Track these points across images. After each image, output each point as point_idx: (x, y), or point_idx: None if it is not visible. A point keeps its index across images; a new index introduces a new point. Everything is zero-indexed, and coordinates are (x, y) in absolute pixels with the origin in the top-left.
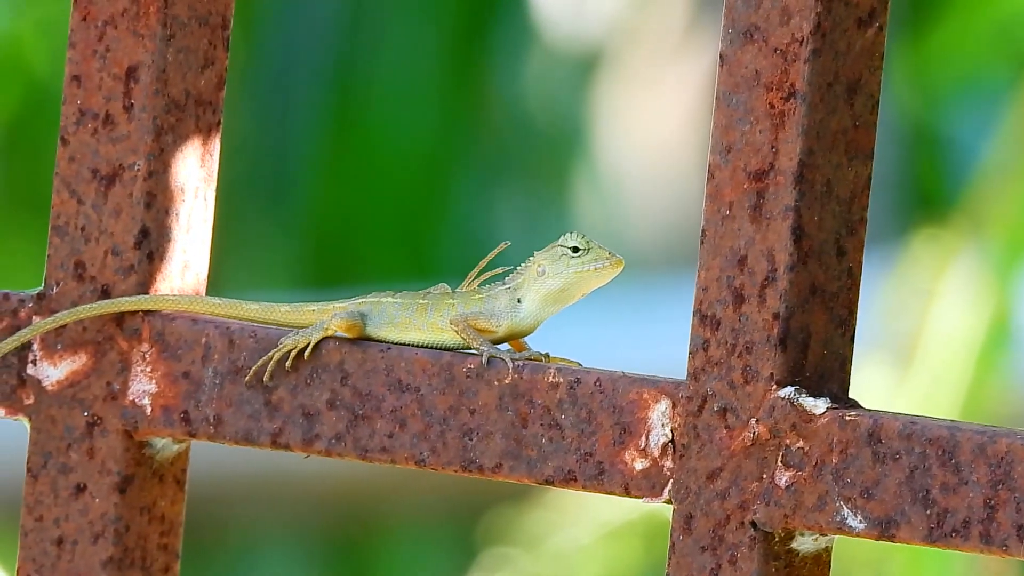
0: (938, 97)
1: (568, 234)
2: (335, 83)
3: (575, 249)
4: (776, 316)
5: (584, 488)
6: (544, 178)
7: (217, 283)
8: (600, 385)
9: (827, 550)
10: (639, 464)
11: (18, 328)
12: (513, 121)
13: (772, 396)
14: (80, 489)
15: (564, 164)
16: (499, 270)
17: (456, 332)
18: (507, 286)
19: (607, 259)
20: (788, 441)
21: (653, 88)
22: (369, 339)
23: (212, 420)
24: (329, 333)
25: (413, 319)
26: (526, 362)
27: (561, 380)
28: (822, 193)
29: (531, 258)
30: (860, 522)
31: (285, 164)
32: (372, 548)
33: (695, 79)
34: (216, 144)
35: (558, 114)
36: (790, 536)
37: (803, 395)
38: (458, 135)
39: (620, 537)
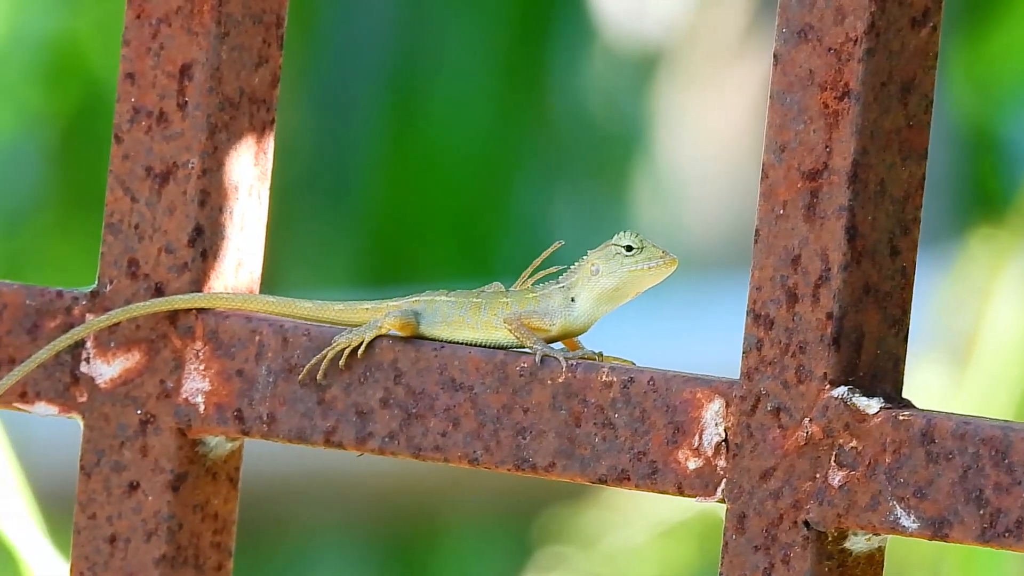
0: (996, 98)
1: (622, 233)
2: (394, 82)
3: (629, 248)
4: (830, 316)
5: (637, 487)
6: (603, 177)
7: (275, 282)
8: (653, 384)
9: (880, 550)
10: (692, 463)
11: (72, 326)
12: (572, 120)
13: (825, 396)
14: (133, 487)
15: (623, 164)
16: (553, 269)
17: (510, 331)
18: (561, 285)
19: (661, 258)
20: (841, 441)
21: (712, 88)
22: (423, 338)
23: (265, 418)
24: (383, 331)
25: (467, 318)
26: (579, 361)
27: (614, 379)
28: (876, 193)
29: (585, 257)
30: (913, 522)
31: (344, 163)
32: (427, 548)
33: (754, 79)
34: (270, 142)
35: (617, 113)
36: (843, 536)
37: (856, 395)
38: (517, 134)
39: (675, 536)
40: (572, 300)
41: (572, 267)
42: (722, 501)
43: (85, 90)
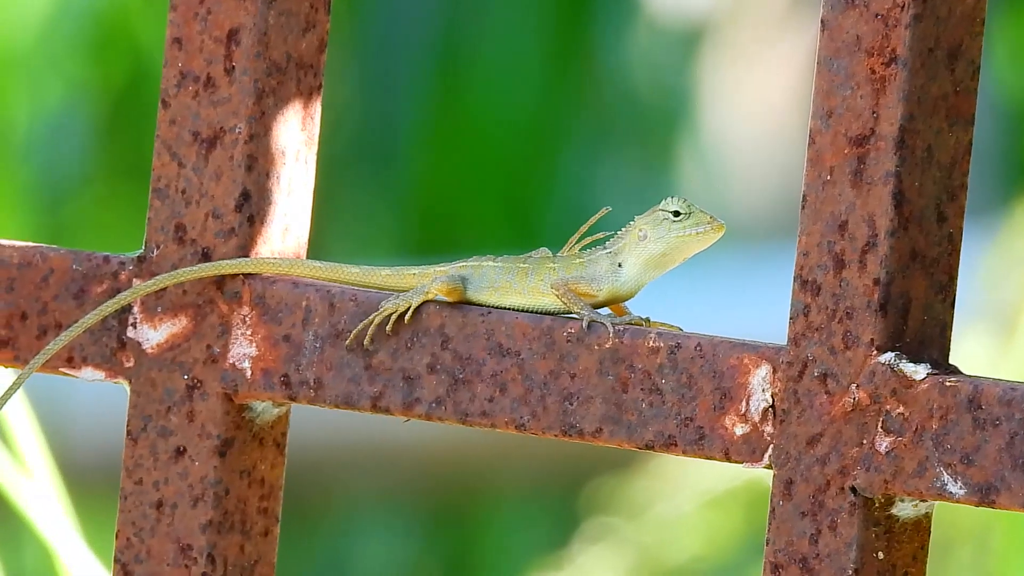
0: None
1: (669, 199)
2: (440, 52)
3: (676, 213)
4: (876, 281)
5: (684, 453)
6: (648, 147)
7: (320, 250)
8: (700, 350)
9: (927, 516)
10: (739, 429)
11: (118, 291)
12: (618, 90)
13: (872, 362)
14: (180, 452)
15: (669, 135)
16: (600, 235)
17: (557, 296)
18: (608, 250)
19: (708, 223)
20: (888, 407)
21: (758, 60)
22: (470, 303)
23: (312, 383)
24: (430, 297)
25: (514, 283)
26: (626, 327)
27: (661, 345)
28: (923, 159)
29: (632, 223)
30: (960, 488)
31: (390, 133)
32: (473, 518)
33: (801, 50)
34: (317, 108)
35: (663, 85)
36: (890, 502)
37: (903, 361)
38: (563, 105)
39: (722, 505)
40: (619, 266)
41: (619, 233)
42: (769, 467)
43: (132, 61)
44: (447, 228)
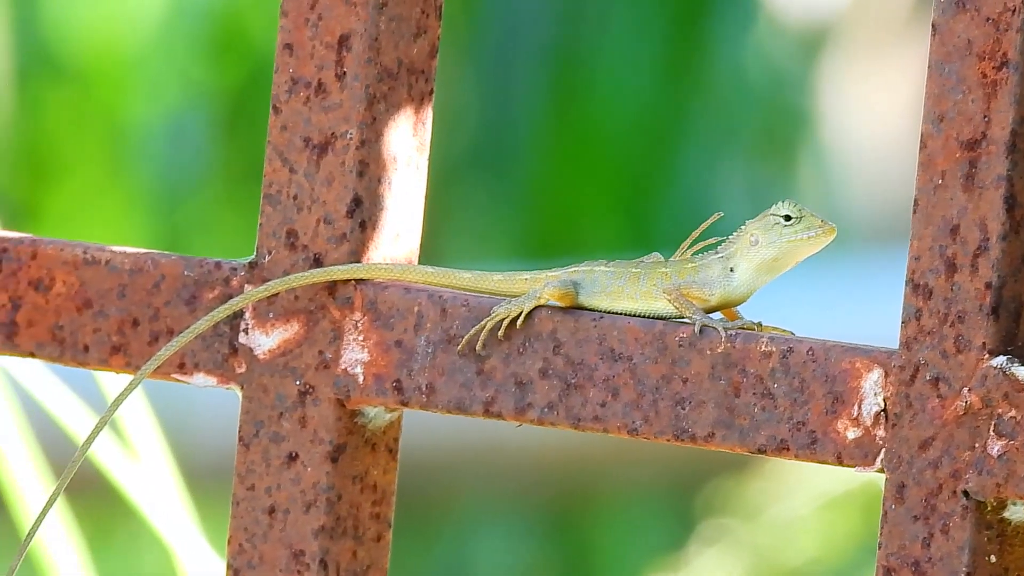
0: None
1: (780, 203)
2: (557, 55)
3: (787, 218)
4: (988, 285)
5: (796, 457)
6: (766, 150)
7: (437, 253)
8: (813, 354)
9: None
10: (851, 433)
11: (230, 297)
12: (736, 93)
13: (984, 365)
14: (292, 458)
15: (787, 136)
16: (712, 240)
17: (669, 301)
18: (720, 255)
19: (820, 227)
20: (1000, 410)
21: (880, 64)
22: (581, 308)
23: (424, 389)
24: (542, 302)
25: (626, 288)
26: (738, 331)
27: (773, 349)
28: None
29: (743, 227)
30: None
31: (507, 136)
32: (590, 520)
33: (921, 55)
34: (429, 113)
35: (782, 86)
36: (1002, 505)
37: (1015, 364)
38: (680, 106)
39: (838, 507)
40: (731, 270)
41: (731, 237)
42: (881, 471)
43: (249, 62)
44: (564, 231)
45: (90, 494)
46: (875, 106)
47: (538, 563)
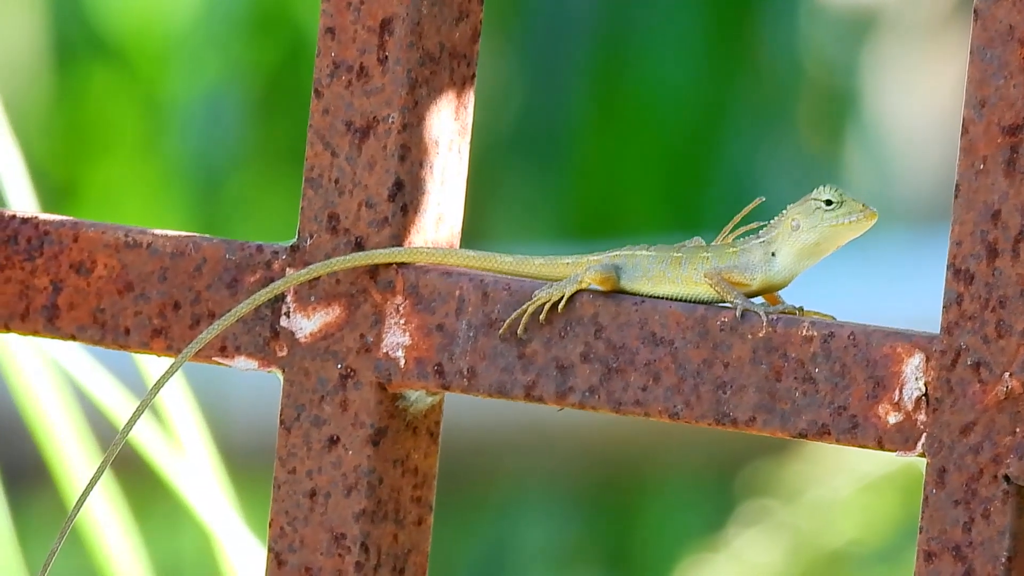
0: None
1: (821, 187)
2: (603, 37)
3: (828, 202)
4: None
5: (837, 442)
6: (813, 133)
7: (482, 237)
8: (854, 339)
9: None
10: (892, 418)
11: (271, 280)
12: (783, 76)
13: None
14: (333, 441)
15: (834, 119)
16: (754, 224)
17: (710, 285)
18: (761, 240)
19: (861, 211)
20: None
21: (928, 48)
22: (623, 292)
23: (466, 372)
24: (583, 286)
25: (667, 272)
26: (780, 315)
27: (815, 334)
28: None
29: (785, 212)
30: None
31: (552, 119)
32: (632, 501)
33: (968, 41)
34: (471, 97)
35: (829, 70)
36: None
37: None
38: (727, 89)
39: (878, 490)
40: (772, 255)
41: (772, 222)
42: (922, 455)
43: (290, 42)
44: (607, 214)
45: (131, 475)
46: (923, 90)
47: (580, 545)
